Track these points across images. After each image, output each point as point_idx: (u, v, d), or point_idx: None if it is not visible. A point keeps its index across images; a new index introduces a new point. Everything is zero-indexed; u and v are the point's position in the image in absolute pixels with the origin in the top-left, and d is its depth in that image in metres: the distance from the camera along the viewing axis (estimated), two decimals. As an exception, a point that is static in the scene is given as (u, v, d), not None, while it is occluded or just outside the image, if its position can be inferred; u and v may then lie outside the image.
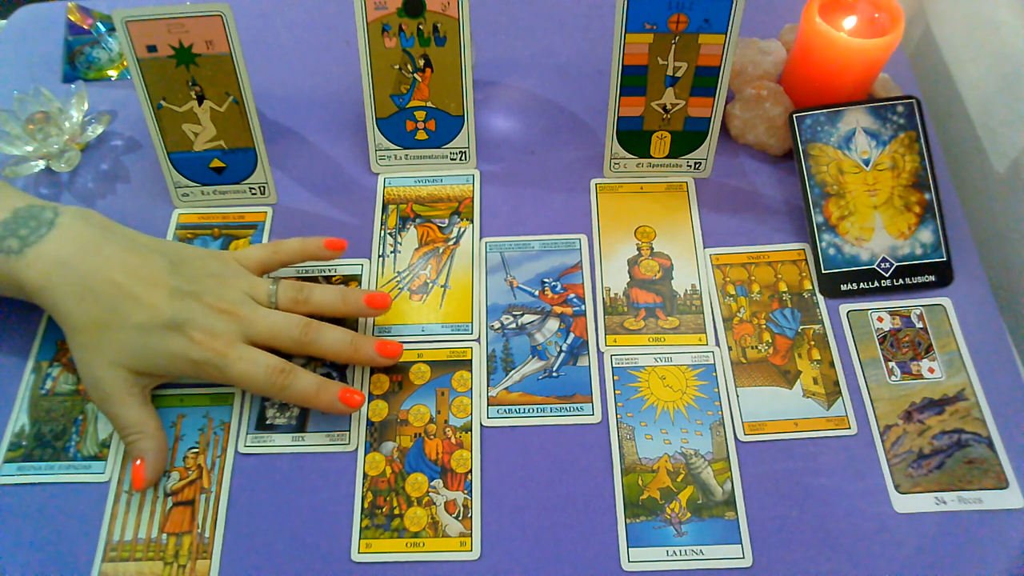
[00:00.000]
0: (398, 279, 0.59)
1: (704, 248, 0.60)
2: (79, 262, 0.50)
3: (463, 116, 0.62)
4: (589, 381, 0.55)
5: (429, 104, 0.62)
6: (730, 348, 0.56)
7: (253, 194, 0.63)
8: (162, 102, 0.58)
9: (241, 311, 0.51)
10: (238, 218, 0.63)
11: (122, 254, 0.51)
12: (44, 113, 0.65)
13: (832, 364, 0.55)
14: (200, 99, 0.58)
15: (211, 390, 0.55)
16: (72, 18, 0.73)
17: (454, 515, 0.50)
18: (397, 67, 0.60)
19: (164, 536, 0.50)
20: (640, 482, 0.51)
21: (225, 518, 0.50)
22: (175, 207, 0.63)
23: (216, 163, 0.61)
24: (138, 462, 0.50)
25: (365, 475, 0.52)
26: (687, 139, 0.61)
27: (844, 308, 0.57)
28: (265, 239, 0.61)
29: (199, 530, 0.50)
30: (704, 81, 0.58)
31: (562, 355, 0.56)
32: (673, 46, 0.56)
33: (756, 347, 0.56)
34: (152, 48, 0.56)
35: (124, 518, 0.51)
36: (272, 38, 0.73)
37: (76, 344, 0.50)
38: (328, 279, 0.59)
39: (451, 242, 0.61)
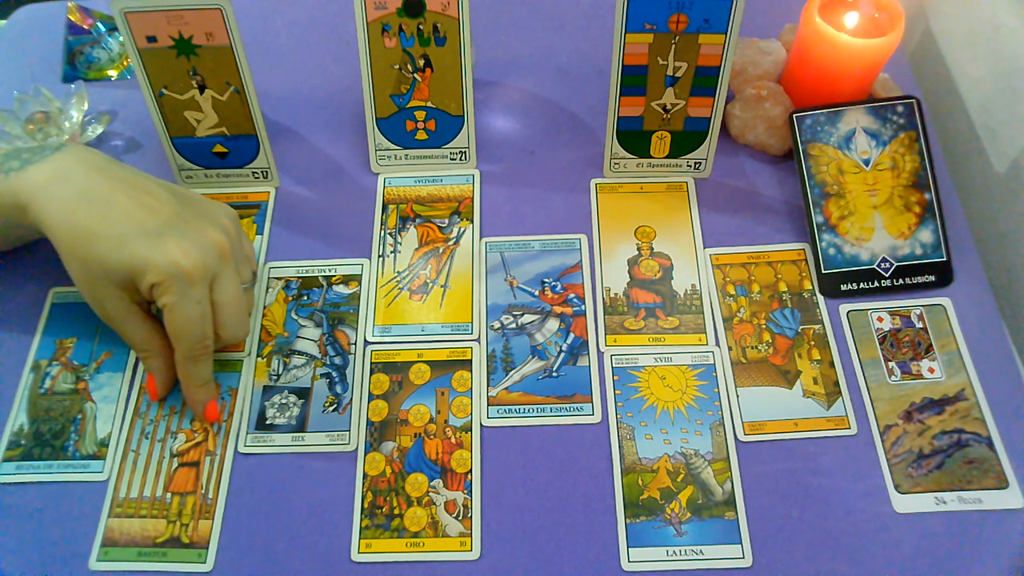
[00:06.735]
0: (398, 279, 0.59)
1: (704, 248, 0.60)
2: (82, 178, 0.48)
3: (463, 116, 0.62)
4: (589, 381, 0.55)
5: (429, 104, 0.61)
6: (730, 348, 0.56)
7: (256, 178, 0.63)
8: (164, 90, 0.58)
9: (230, 257, 0.50)
10: (242, 198, 0.63)
11: (130, 177, 0.50)
12: (44, 113, 0.65)
13: (832, 364, 0.55)
14: (201, 88, 0.58)
15: (219, 355, 0.55)
16: (72, 18, 0.73)
17: (454, 515, 0.50)
18: (397, 67, 0.60)
19: (168, 495, 0.51)
20: (640, 482, 0.51)
21: (228, 483, 0.51)
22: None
23: (219, 148, 0.61)
24: (149, 377, 0.53)
25: (365, 475, 0.52)
26: (687, 139, 0.61)
27: (844, 308, 0.57)
28: (268, 220, 0.62)
29: (203, 491, 0.51)
30: (704, 81, 0.58)
31: (562, 355, 0.56)
32: (673, 46, 0.56)
33: (756, 347, 0.56)
34: (152, 39, 0.56)
35: (130, 476, 0.52)
36: (272, 38, 0.73)
37: (70, 263, 0.48)
38: (328, 279, 0.59)
39: (451, 242, 0.61)
